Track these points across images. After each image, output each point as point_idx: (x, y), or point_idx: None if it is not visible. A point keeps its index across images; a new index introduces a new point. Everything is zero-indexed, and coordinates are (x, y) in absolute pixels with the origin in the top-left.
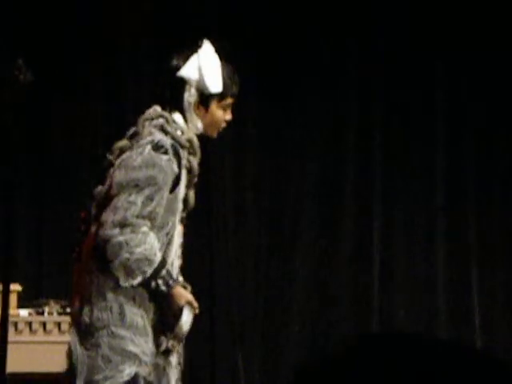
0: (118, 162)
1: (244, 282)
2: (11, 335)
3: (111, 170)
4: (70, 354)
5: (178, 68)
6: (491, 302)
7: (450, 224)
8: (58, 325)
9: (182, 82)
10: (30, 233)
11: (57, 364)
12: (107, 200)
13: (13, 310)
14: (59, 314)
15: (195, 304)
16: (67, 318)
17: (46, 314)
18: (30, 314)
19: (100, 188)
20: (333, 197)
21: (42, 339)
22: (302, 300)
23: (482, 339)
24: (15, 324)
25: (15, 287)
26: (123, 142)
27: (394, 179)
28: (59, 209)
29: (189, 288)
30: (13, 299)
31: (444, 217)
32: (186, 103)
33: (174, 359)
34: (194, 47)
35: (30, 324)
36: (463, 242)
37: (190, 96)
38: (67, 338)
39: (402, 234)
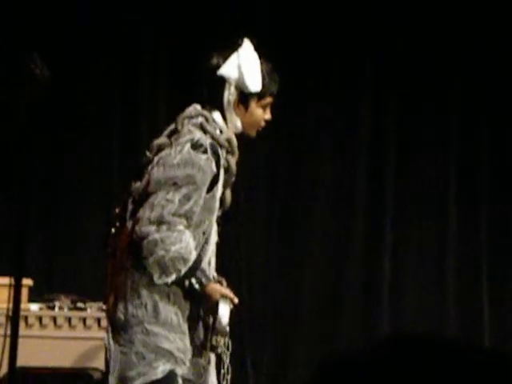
0: (156, 159)
1: (253, 281)
2: (21, 329)
3: (149, 166)
4: (105, 350)
5: (218, 67)
6: (502, 308)
7: (460, 231)
8: (69, 320)
9: (222, 81)
10: (41, 227)
11: (67, 359)
12: (144, 197)
13: (24, 305)
14: (70, 309)
15: (231, 295)
16: (77, 313)
17: (56, 308)
18: (40, 309)
19: (137, 184)
20: (345, 202)
21: (52, 334)
22: (311, 301)
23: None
24: (26, 318)
25: (26, 282)
26: (162, 140)
27: (406, 189)
28: (71, 204)
29: (224, 282)
30: (24, 294)
31: (455, 223)
32: (225, 102)
33: (213, 356)
34: (234, 46)
35: (40, 318)
36: (474, 252)
37: (230, 95)
38: (77, 333)
39: (413, 240)
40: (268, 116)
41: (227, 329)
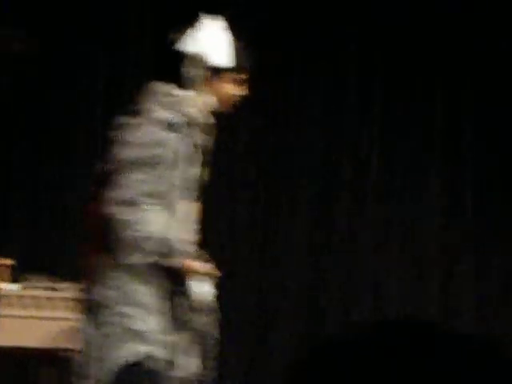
0: (125, 138)
1: (235, 273)
2: (2, 309)
3: (118, 146)
4: (78, 332)
5: (185, 44)
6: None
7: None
8: (50, 300)
9: (191, 58)
10: (24, 208)
11: (47, 339)
12: (112, 177)
13: (5, 284)
14: (51, 289)
15: (208, 271)
16: (59, 294)
17: (37, 289)
18: (22, 289)
19: (107, 164)
20: (330, 175)
21: (33, 314)
22: (293, 286)
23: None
24: (7, 298)
25: (8, 261)
26: (132, 118)
27: (391, 169)
28: (55, 182)
29: (205, 256)
30: (5, 273)
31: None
32: (195, 79)
33: (191, 336)
34: (197, 22)
35: (21, 298)
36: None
37: (198, 71)
38: (58, 313)
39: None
40: (242, 91)
41: (205, 306)
